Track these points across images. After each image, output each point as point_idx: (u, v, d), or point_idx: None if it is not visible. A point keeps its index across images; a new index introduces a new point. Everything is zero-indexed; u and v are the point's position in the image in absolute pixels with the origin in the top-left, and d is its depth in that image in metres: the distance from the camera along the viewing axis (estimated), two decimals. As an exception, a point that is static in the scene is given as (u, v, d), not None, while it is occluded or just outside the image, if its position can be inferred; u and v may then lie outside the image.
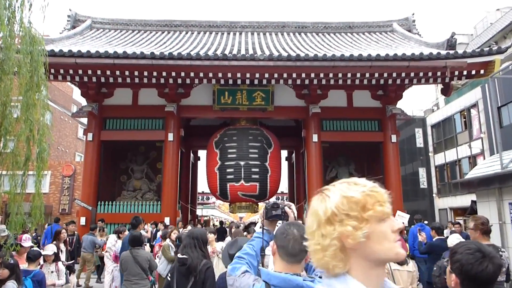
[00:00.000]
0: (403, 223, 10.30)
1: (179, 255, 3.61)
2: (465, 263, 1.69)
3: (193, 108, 13.56)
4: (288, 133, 16.20)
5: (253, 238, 2.06)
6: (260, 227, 2.08)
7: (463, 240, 3.90)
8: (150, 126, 13.27)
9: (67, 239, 8.41)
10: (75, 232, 9.37)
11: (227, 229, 13.50)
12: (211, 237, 5.81)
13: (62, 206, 22.74)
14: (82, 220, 12.50)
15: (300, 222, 2.06)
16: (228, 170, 13.34)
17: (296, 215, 2.11)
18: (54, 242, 7.11)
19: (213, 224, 23.61)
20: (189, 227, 8.48)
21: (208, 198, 31.35)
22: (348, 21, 16.33)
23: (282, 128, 16.11)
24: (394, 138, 13.13)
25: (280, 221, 2.06)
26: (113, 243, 8.62)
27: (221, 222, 19.74)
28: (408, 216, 10.71)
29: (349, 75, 11.46)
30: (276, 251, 1.74)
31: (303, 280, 1.62)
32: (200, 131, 16.20)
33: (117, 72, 11.30)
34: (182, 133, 13.52)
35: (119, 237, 8.26)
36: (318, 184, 12.79)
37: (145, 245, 6.18)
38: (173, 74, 11.46)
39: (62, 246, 7.48)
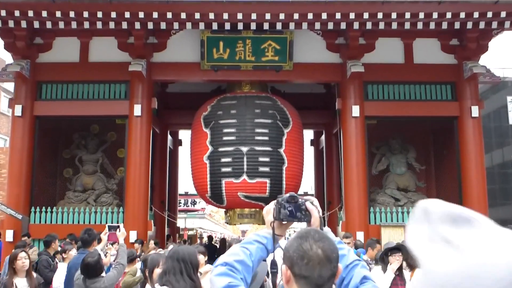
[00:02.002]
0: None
1: (157, 285, 3.66)
2: None
3: (171, 66, 13.52)
4: (314, 104, 16.00)
5: (251, 241, 2.06)
6: (270, 232, 2.09)
7: None
8: (106, 94, 13.28)
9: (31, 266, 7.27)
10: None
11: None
12: (201, 259, 5.70)
13: (-21, 214, 22.78)
14: (9, 234, 12.48)
15: (327, 229, 2.05)
16: (223, 160, 13.34)
17: (321, 214, 2.09)
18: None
19: (208, 238, 23.62)
20: (170, 246, 8.43)
21: (194, 203, 31.71)
22: None
23: (306, 97, 15.84)
24: (475, 111, 13.14)
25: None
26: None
27: (210, 238, 20.15)
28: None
29: (407, 15, 11.33)
30: (293, 281, 1.73)
31: None
32: (182, 101, 16.09)
33: (58, 14, 11.20)
34: (155, 105, 13.51)
35: (63, 259, 8.13)
36: (360, 181, 12.93)
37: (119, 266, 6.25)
38: (141, 15, 11.33)
39: (22, 282, 6.40)
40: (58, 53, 13.45)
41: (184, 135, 19.18)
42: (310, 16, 11.38)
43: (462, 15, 11.43)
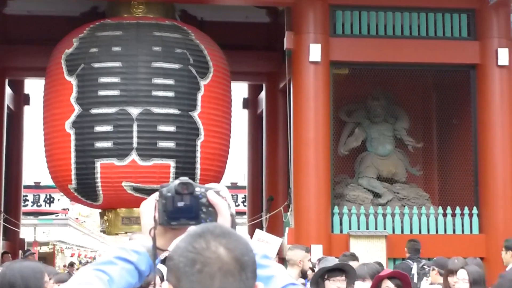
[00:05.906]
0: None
1: None
2: None
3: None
4: (251, 41, 15.24)
5: (111, 260, 1.64)
6: (146, 244, 1.68)
7: None
8: None
9: None
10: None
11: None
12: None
13: None
14: None
15: (242, 232, 1.69)
16: (98, 128, 12.00)
17: (233, 211, 1.65)
18: None
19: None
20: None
21: (50, 201, 30.91)
22: None
23: (238, 29, 14.96)
24: (504, 57, 11.96)
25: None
26: None
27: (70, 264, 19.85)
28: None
29: None
30: None
31: None
32: (29, 31, 14.59)
33: None
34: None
35: None
36: (319, 166, 11.74)
37: None
38: None
39: None
40: None
41: (34, 87, 17.34)
42: None
43: None
